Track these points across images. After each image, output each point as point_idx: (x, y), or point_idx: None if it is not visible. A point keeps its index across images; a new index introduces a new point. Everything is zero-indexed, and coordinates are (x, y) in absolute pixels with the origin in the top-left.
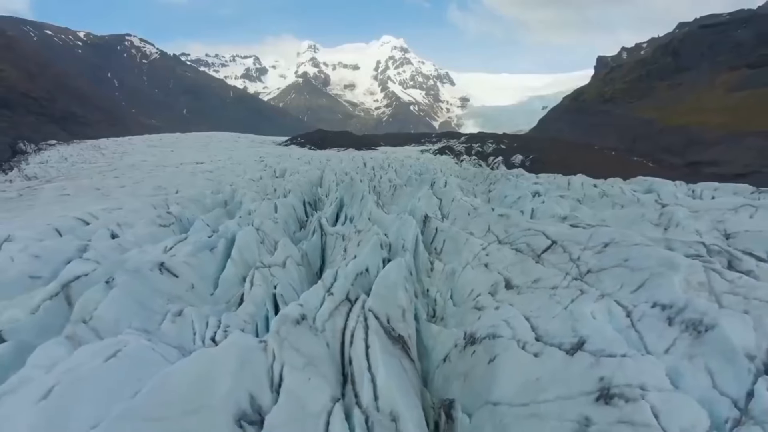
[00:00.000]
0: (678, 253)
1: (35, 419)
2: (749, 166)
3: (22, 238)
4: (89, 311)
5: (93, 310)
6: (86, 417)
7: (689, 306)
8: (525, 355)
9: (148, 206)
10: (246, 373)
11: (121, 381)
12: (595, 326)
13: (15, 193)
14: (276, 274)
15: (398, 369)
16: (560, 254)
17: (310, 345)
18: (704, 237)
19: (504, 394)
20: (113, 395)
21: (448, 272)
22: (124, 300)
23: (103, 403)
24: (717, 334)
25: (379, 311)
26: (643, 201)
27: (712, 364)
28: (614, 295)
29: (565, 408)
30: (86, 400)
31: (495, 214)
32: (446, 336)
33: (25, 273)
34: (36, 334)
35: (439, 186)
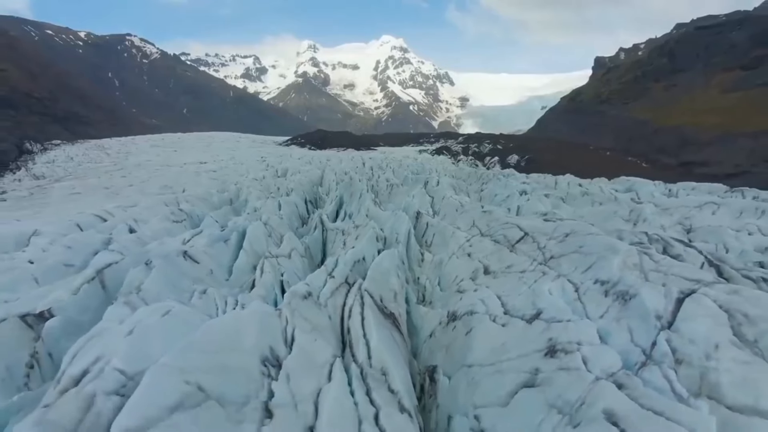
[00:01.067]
0: (625, 241)
1: (128, 347)
2: (740, 166)
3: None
4: (136, 285)
5: (140, 284)
6: (159, 347)
7: (621, 281)
8: (495, 326)
9: (161, 204)
10: (266, 331)
11: (176, 329)
12: (550, 300)
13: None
14: (282, 264)
15: (389, 337)
16: (530, 244)
17: (315, 316)
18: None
19: (476, 358)
20: (173, 336)
21: (436, 262)
22: (161, 278)
23: (168, 341)
24: (637, 301)
25: (373, 292)
26: (620, 199)
27: (631, 324)
28: (568, 275)
29: (521, 363)
30: (156, 338)
31: (479, 210)
32: (432, 316)
33: (60, 262)
34: (78, 311)
35: (431, 185)
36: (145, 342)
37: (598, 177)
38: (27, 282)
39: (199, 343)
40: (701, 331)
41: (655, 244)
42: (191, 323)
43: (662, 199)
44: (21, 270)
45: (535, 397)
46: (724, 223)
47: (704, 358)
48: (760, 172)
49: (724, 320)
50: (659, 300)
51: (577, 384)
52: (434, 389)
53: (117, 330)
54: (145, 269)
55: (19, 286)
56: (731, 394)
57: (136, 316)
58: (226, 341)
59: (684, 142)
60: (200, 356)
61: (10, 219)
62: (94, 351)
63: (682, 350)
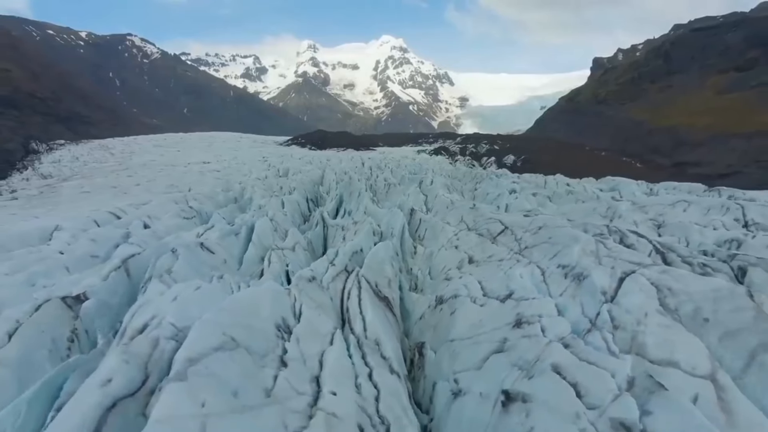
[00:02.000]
0: (589, 233)
1: (175, 309)
2: (732, 166)
3: (68, 228)
4: (166, 269)
5: (170, 268)
6: (197, 311)
7: (578, 265)
8: (474, 306)
9: (171, 202)
10: (278, 304)
11: (207, 299)
12: (520, 283)
13: (36, 191)
14: (287, 255)
15: (382, 316)
16: (509, 236)
17: (318, 296)
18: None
19: (458, 333)
20: (206, 304)
21: (427, 254)
22: (186, 264)
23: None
24: (589, 281)
25: (369, 278)
26: (601, 197)
27: (583, 299)
28: (538, 261)
29: (494, 335)
30: (194, 304)
31: (467, 207)
32: (423, 301)
33: (87, 253)
34: (107, 295)
35: (426, 184)
36: (186, 306)
37: (592, 177)
38: (59, 270)
39: (228, 309)
40: (635, 303)
41: (613, 235)
42: (217, 296)
43: (642, 198)
44: (53, 260)
45: (503, 360)
46: (693, 219)
47: (635, 323)
48: (751, 173)
49: (654, 294)
50: (606, 279)
51: (535, 347)
52: (422, 362)
53: (163, 298)
54: (171, 256)
55: (53, 273)
56: (653, 351)
57: (174, 289)
58: (247, 309)
59: (678, 143)
60: (230, 317)
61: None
62: (149, 312)
63: (619, 318)
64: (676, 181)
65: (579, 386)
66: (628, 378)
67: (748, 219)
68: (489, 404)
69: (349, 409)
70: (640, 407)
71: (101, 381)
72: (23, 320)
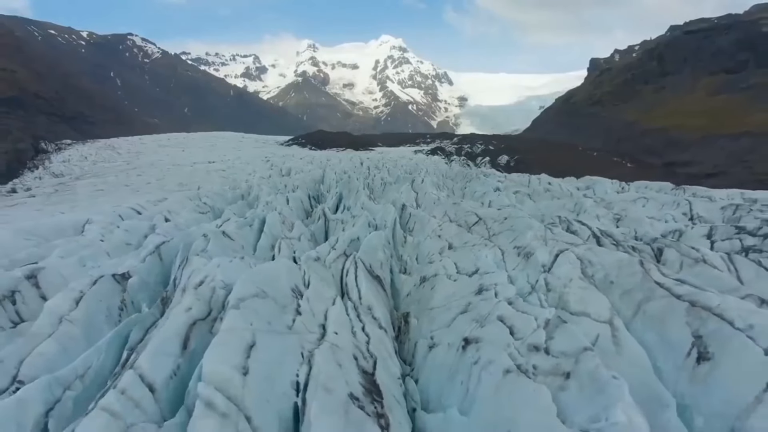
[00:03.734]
0: (544, 223)
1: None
2: (718, 166)
3: (98, 221)
4: (201, 249)
5: (204, 249)
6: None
7: (528, 246)
8: (449, 281)
9: (186, 199)
10: (292, 275)
11: (240, 268)
12: (485, 261)
13: (51, 189)
14: (294, 244)
15: (375, 289)
16: (482, 226)
17: (322, 272)
18: (601, 219)
19: (435, 303)
20: (240, 271)
21: (415, 243)
22: (216, 245)
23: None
24: (533, 257)
25: (365, 260)
26: (574, 195)
27: (529, 271)
28: (501, 245)
29: (461, 301)
30: (232, 271)
31: (451, 203)
32: (410, 281)
33: (123, 241)
34: (146, 273)
35: (417, 183)
36: (228, 271)
37: (583, 176)
38: (102, 255)
39: (257, 273)
40: (564, 272)
41: (562, 224)
42: (246, 268)
43: (613, 195)
44: (96, 247)
45: (466, 318)
46: (649, 213)
47: (563, 287)
48: (736, 173)
49: (578, 265)
50: (546, 256)
51: (488, 306)
52: (407, 328)
53: (209, 266)
54: (204, 240)
55: (97, 257)
56: (573, 306)
57: (215, 261)
58: (270, 275)
59: (669, 143)
60: (259, 278)
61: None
62: (202, 274)
63: (552, 283)
64: (665, 181)
65: (513, 328)
66: (545, 321)
67: (694, 213)
68: (453, 350)
69: (347, 344)
70: (547, 335)
71: (185, 309)
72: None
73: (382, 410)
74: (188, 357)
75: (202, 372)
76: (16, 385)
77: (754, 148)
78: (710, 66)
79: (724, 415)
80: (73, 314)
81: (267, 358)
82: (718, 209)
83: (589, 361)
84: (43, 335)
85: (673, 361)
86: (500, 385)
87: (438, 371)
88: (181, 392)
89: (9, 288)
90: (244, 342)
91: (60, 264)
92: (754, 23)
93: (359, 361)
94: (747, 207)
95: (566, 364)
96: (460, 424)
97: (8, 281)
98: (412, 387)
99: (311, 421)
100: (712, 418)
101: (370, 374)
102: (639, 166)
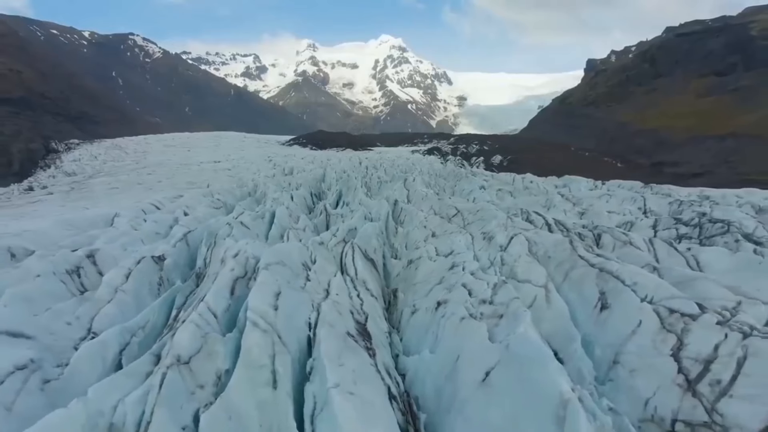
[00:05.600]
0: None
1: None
2: (705, 166)
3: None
4: (227, 234)
5: (229, 233)
6: (259, 251)
7: (491, 231)
8: (430, 262)
9: (200, 196)
10: (302, 253)
11: (261, 247)
12: (458, 245)
13: (67, 187)
14: (300, 234)
15: (369, 269)
16: (459, 217)
17: (326, 253)
18: (568, 213)
19: (418, 279)
20: (261, 249)
21: (405, 233)
22: (238, 231)
23: (261, 249)
24: (494, 240)
25: (361, 246)
26: (549, 192)
27: (490, 251)
28: (472, 232)
29: (437, 276)
30: (257, 248)
31: (436, 198)
32: (399, 264)
33: (152, 231)
34: (176, 257)
35: (410, 181)
36: (254, 248)
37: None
38: (137, 242)
39: (276, 249)
40: (515, 251)
41: (522, 214)
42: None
43: (585, 192)
44: (132, 235)
45: (439, 288)
46: (609, 208)
47: (513, 261)
48: (721, 172)
49: (526, 245)
50: (503, 238)
51: (456, 277)
52: (396, 301)
53: (239, 244)
54: (228, 227)
55: (134, 243)
56: (520, 275)
57: (242, 241)
58: (285, 251)
59: (658, 144)
60: (278, 252)
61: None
62: (236, 248)
63: (506, 260)
64: (653, 181)
65: (471, 291)
66: (494, 284)
67: (647, 208)
68: (429, 312)
69: (345, 302)
70: (492, 293)
71: (229, 270)
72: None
73: (371, 346)
74: (234, 300)
75: (247, 306)
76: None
77: (738, 148)
78: (701, 68)
79: (612, 344)
80: (124, 286)
81: (289, 303)
82: (667, 204)
83: (515, 305)
84: (104, 301)
85: (585, 311)
86: (457, 327)
87: (417, 329)
88: (232, 321)
89: (75, 264)
90: (273, 291)
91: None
92: (743, 26)
93: (354, 315)
94: (689, 202)
95: (501, 310)
96: (429, 359)
97: (74, 259)
98: (397, 340)
99: (320, 342)
100: (605, 348)
101: (362, 324)
102: (629, 166)
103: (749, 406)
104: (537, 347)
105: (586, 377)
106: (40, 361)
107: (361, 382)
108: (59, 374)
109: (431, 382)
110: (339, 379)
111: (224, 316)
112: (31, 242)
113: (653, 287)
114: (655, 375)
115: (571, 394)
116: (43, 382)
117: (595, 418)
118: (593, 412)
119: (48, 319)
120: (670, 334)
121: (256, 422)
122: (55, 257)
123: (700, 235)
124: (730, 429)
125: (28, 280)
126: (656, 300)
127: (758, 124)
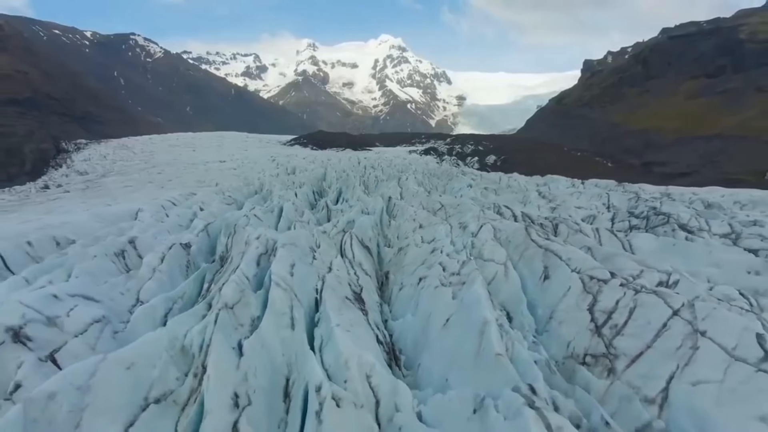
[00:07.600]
0: (483, 207)
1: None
2: (691, 166)
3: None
4: (245, 224)
5: (247, 223)
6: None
7: (466, 221)
8: (416, 248)
9: (212, 193)
10: (308, 239)
11: (275, 233)
12: (439, 233)
13: (82, 185)
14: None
15: (364, 254)
16: (442, 211)
17: (328, 240)
18: (541, 208)
19: (406, 264)
20: (275, 234)
21: (396, 225)
22: (255, 222)
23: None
24: (468, 228)
25: (358, 235)
26: (529, 189)
27: (464, 238)
28: (451, 223)
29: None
30: (272, 234)
31: (425, 195)
32: (391, 251)
33: (175, 223)
34: (200, 244)
35: (403, 180)
36: (270, 233)
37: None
38: (164, 232)
39: (288, 234)
40: (483, 237)
41: (495, 208)
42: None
43: (562, 190)
44: (159, 227)
45: (422, 268)
46: (578, 204)
47: (481, 245)
48: (707, 172)
49: (492, 232)
50: (475, 227)
51: (435, 258)
52: (388, 281)
53: (258, 230)
54: (245, 218)
55: (162, 233)
56: (486, 255)
57: (260, 228)
58: (296, 236)
59: (648, 144)
60: (290, 236)
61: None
62: (257, 233)
63: (476, 244)
64: (644, 181)
65: (445, 267)
66: (463, 261)
67: (610, 203)
68: (413, 287)
69: (344, 276)
70: (460, 267)
71: (255, 247)
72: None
73: (365, 308)
74: (260, 270)
75: (271, 272)
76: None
77: (723, 149)
78: (693, 70)
79: (550, 305)
80: (161, 267)
81: (301, 272)
82: (627, 200)
83: (474, 275)
84: (145, 278)
85: (533, 281)
86: (432, 294)
87: (404, 300)
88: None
89: (120, 248)
90: (289, 262)
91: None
92: (733, 29)
93: (352, 286)
94: (645, 199)
95: (464, 279)
96: (411, 321)
97: (120, 244)
98: (387, 310)
99: (325, 300)
100: (545, 308)
101: (358, 293)
102: (619, 166)
103: (632, 340)
104: (478, 297)
105: (528, 329)
106: (109, 318)
107: (356, 327)
108: (123, 328)
109: (411, 337)
110: (339, 322)
111: (254, 280)
112: (71, 232)
113: (581, 261)
114: (575, 324)
115: (490, 317)
116: (113, 333)
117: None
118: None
119: (107, 289)
120: (589, 295)
121: (280, 352)
122: (106, 242)
123: (647, 225)
124: (618, 356)
125: (87, 259)
126: (582, 270)
127: (743, 126)
